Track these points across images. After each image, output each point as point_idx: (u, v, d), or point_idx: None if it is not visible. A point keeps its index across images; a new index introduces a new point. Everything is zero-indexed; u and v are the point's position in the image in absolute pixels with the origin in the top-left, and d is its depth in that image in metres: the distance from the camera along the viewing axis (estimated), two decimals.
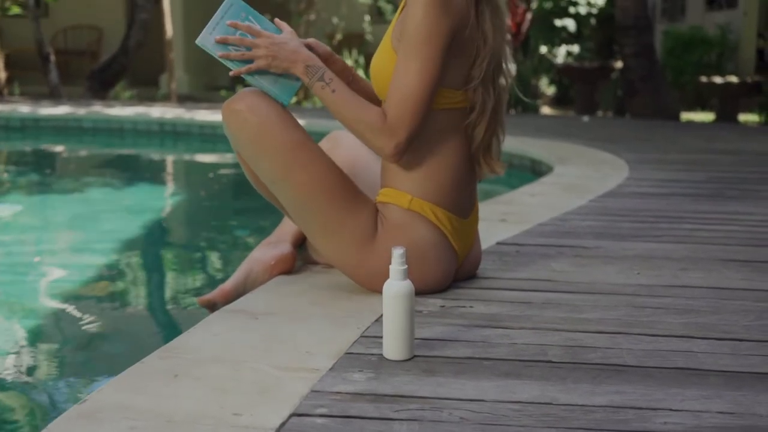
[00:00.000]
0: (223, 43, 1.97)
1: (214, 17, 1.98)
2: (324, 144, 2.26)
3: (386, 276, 1.64)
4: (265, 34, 1.97)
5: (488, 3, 2.01)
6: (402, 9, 2.03)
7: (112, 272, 3.36)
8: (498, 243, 2.67)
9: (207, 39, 1.98)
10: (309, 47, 2.04)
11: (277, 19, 2.04)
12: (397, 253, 1.62)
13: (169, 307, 2.88)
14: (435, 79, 1.90)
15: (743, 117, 10.04)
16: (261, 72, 1.98)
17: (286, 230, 2.30)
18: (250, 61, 1.97)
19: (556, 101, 13.16)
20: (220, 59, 1.98)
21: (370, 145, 1.95)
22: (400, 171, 2.01)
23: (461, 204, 2.07)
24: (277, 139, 1.94)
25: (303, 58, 1.96)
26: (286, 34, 2.00)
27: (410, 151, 1.96)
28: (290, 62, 1.96)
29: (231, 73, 2.00)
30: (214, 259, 3.63)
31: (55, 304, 2.90)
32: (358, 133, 1.96)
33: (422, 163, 1.99)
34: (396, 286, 1.61)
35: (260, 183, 2.09)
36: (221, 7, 1.98)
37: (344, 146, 2.26)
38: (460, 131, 2.03)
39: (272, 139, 1.94)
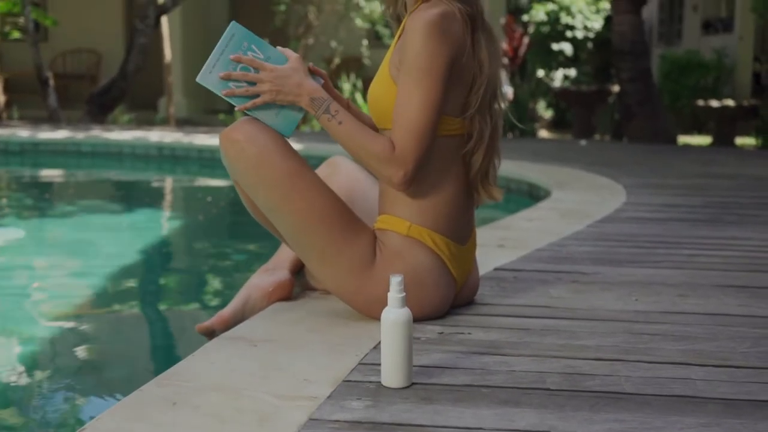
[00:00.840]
0: (227, 79, 1.96)
1: (215, 51, 1.96)
2: (322, 170, 2.28)
3: (385, 303, 1.64)
4: (268, 67, 1.97)
5: (484, 31, 2.03)
6: (399, 37, 2.05)
7: (111, 298, 3.36)
8: (496, 269, 2.67)
9: (207, 77, 1.96)
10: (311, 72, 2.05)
11: (281, 48, 2.04)
12: (395, 280, 1.62)
13: (167, 333, 2.87)
14: (438, 107, 1.92)
15: (740, 140, 10.08)
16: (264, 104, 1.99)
17: (283, 257, 2.30)
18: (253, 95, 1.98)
19: (554, 125, 13.21)
20: (223, 97, 1.98)
21: (379, 175, 1.96)
22: (399, 198, 2.02)
23: (459, 230, 2.07)
24: (275, 168, 1.94)
25: (308, 91, 1.96)
26: (292, 62, 2.00)
27: None
28: (295, 95, 1.97)
29: (237, 108, 2.00)
30: (213, 284, 3.63)
31: (53, 330, 2.89)
32: (365, 164, 1.96)
33: (420, 190, 2.00)
34: (394, 314, 1.62)
35: (258, 211, 2.09)
36: (223, 37, 1.97)
37: (342, 173, 2.27)
38: (457, 158, 2.04)
39: (270, 169, 1.94)
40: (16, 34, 10.59)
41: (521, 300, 2.30)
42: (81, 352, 2.63)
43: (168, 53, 11.08)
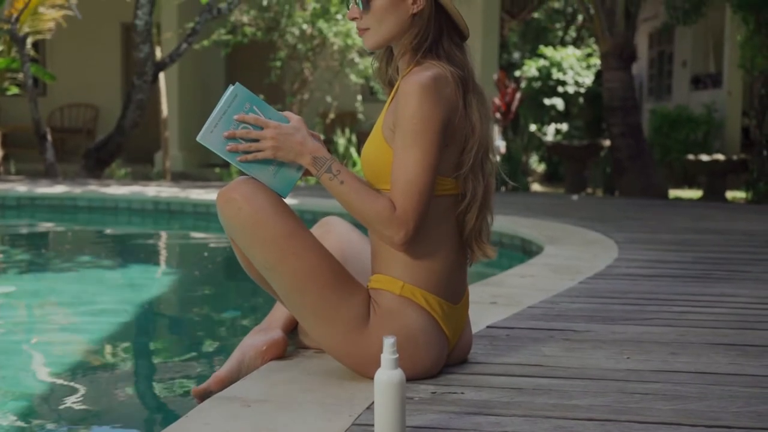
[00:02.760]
0: (230, 137, 1.99)
1: (217, 111, 1.99)
2: (316, 230, 2.31)
3: (378, 362, 1.67)
4: (272, 124, 2.01)
5: (475, 93, 2.08)
6: (391, 100, 2.10)
7: (104, 355, 3.36)
8: (489, 326, 2.70)
9: (209, 137, 1.99)
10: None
11: (285, 112, 2.08)
12: (388, 342, 1.65)
13: (161, 392, 2.88)
14: (435, 167, 1.96)
15: (731, 194, 10.17)
16: (263, 163, 2.02)
17: (277, 317, 2.33)
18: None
19: (546, 178, 13.32)
20: (224, 155, 2.01)
21: (380, 234, 1.99)
22: (392, 257, 2.05)
23: (452, 290, 2.10)
24: (271, 228, 1.97)
25: (310, 150, 2.00)
26: (294, 122, 2.04)
27: None
28: (297, 153, 2.00)
29: (236, 161, 2.02)
30: (208, 342, 3.63)
31: (45, 387, 2.89)
32: (366, 223, 2.00)
33: (414, 249, 2.03)
34: (387, 375, 1.64)
35: (253, 269, 2.12)
36: (225, 98, 1.99)
37: (335, 233, 2.31)
38: (451, 218, 2.07)
39: (266, 229, 1.97)
40: (14, 90, 10.69)
41: (514, 359, 2.32)
42: (73, 411, 2.63)
43: (165, 109, 11.19)
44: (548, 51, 12.84)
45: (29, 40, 9.83)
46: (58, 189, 7.73)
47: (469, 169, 2.05)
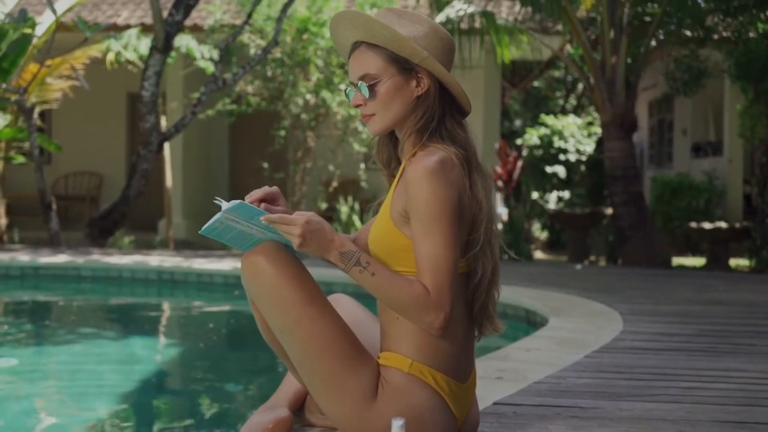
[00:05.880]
0: (267, 221, 1.98)
1: (236, 219, 1.99)
2: None
3: None
4: (299, 220, 1.97)
5: (478, 171, 2.12)
6: (398, 182, 2.12)
7: (108, 430, 3.34)
8: (495, 403, 2.69)
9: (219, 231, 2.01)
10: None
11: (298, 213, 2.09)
12: (397, 424, 1.65)
13: None
14: (457, 246, 1.99)
15: (734, 262, 10.17)
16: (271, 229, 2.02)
17: (283, 395, 2.33)
18: (271, 230, 2.02)
19: (549, 246, 13.34)
20: (247, 230, 2.01)
21: (417, 321, 1.99)
22: (401, 335, 2.06)
23: (460, 368, 2.11)
24: (291, 291, 2.00)
25: (337, 245, 2.00)
26: (313, 215, 2.02)
27: None
28: (324, 250, 2.00)
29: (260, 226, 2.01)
30: (213, 417, 3.61)
31: None
32: (403, 311, 1.99)
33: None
34: None
35: (270, 334, 2.14)
36: (240, 208, 1.98)
37: (344, 307, 2.32)
38: (461, 296, 2.08)
39: (286, 291, 2.00)
40: (20, 159, 10.79)
41: None
42: None
43: (169, 178, 11.28)
44: (549, 119, 12.98)
45: (36, 110, 9.96)
46: (62, 258, 7.75)
47: (479, 248, 2.07)
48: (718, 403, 2.79)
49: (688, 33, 9.83)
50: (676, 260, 10.34)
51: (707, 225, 10.08)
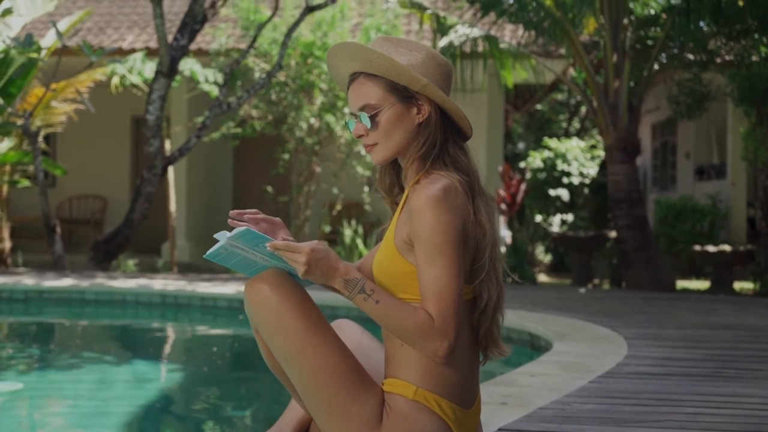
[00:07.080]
0: (273, 249, 2.00)
1: (241, 246, 2.01)
2: None
3: None
4: (304, 248, 1.99)
5: (482, 197, 2.12)
6: (401, 210, 2.12)
7: None
8: (500, 429, 2.68)
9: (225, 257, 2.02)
10: None
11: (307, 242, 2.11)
12: None
13: None
14: (462, 273, 1.99)
15: (738, 285, 10.15)
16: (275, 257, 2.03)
17: (287, 421, 2.32)
18: (275, 257, 2.03)
19: (553, 269, 13.33)
20: (252, 257, 2.03)
21: (421, 349, 1.99)
22: (406, 362, 2.07)
23: (464, 394, 2.11)
24: (295, 319, 2.01)
25: (341, 273, 2.01)
26: (317, 244, 2.03)
27: None
28: (328, 277, 2.01)
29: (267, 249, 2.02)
30: None
31: None
32: (407, 338, 1.99)
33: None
34: None
35: (273, 361, 2.14)
36: (246, 234, 1.99)
37: (348, 333, 2.32)
38: (466, 323, 2.08)
39: (290, 319, 2.01)
40: (25, 183, 10.83)
41: None
42: None
43: (173, 202, 11.30)
44: (552, 142, 13.01)
45: (41, 134, 10.00)
46: (66, 282, 7.75)
47: (485, 274, 2.07)
48: (724, 429, 2.78)
49: (691, 57, 9.88)
50: (680, 283, 10.32)
51: (711, 248, 10.07)
